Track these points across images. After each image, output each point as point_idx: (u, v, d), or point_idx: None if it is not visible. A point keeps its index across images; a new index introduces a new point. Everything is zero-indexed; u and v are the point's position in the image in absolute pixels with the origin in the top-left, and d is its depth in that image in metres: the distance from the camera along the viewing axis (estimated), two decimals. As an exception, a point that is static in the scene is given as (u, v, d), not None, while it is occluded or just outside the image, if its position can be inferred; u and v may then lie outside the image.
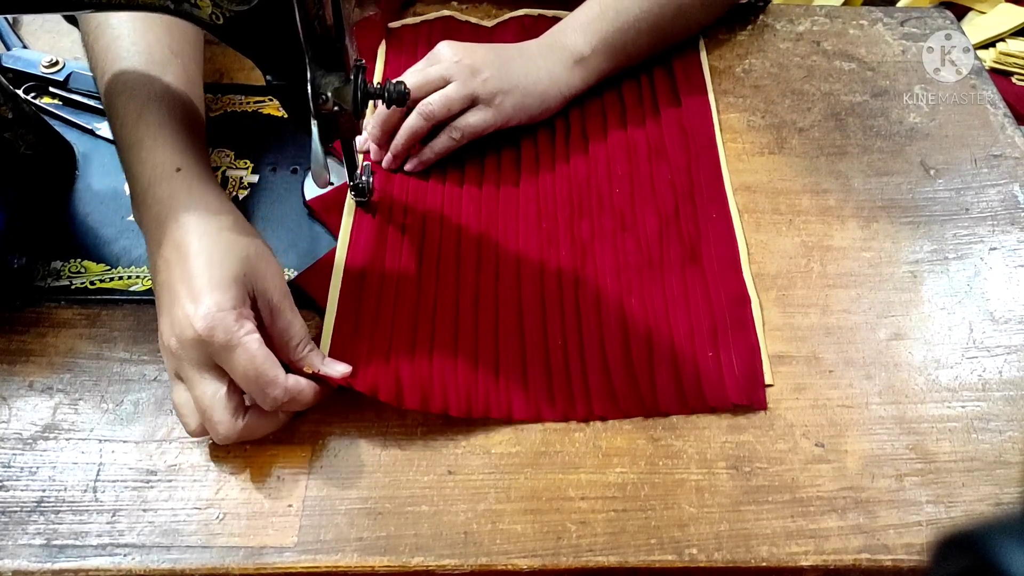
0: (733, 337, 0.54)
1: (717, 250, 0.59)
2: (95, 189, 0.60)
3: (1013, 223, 0.63)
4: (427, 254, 0.57)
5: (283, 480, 0.47)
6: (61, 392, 0.50)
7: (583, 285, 0.56)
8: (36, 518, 0.45)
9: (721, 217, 0.61)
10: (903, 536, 0.47)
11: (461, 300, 0.55)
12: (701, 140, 0.65)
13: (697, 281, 0.57)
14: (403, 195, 0.60)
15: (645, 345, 0.54)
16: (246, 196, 0.60)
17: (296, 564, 0.45)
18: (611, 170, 0.63)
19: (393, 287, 0.55)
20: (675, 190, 0.62)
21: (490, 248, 0.58)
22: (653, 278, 0.57)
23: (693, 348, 0.54)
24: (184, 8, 0.44)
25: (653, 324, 0.55)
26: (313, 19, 0.43)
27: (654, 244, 0.59)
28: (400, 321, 0.53)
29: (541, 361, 0.53)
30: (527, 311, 0.55)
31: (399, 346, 0.52)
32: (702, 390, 0.52)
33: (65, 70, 0.64)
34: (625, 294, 0.56)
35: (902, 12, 0.79)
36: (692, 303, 0.56)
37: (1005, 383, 0.54)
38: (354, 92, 0.47)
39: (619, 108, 0.68)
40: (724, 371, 0.53)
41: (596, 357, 0.53)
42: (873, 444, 0.51)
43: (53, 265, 0.55)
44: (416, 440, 0.50)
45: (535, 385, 0.52)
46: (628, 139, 0.65)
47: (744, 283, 0.57)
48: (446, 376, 0.51)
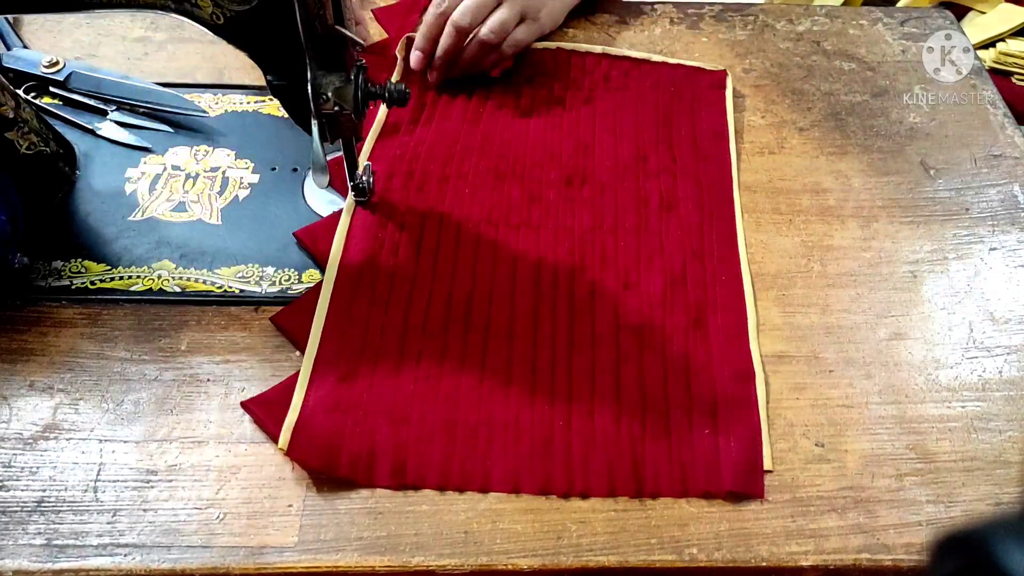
0: (735, 416, 0.51)
1: (724, 317, 0.55)
2: (95, 189, 0.60)
3: (1013, 223, 0.63)
4: (415, 305, 0.54)
5: (283, 480, 0.47)
6: (62, 392, 0.50)
7: (578, 348, 0.53)
8: (36, 518, 0.45)
9: (731, 280, 0.57)
10: (903, 536, 0.47)
11: (446, 357, 0.52)
12: (717, 196, 0.62)
13: (700, 351, 0.54)
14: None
15: (638, 418, 0.50)
16: (246, 196, 0.60)
17: (296, 564, 0.45)
18: (618, 222, 0.60)
19: (378, 333, 0.53)
20: (684, 249, 0.59)
21: (481, 309, 0.54)
22: (654, 345, 0.54)
23: (690, 425, 0.50)
24: (185, 7, 0.44)
25: (650, 395, 0.51)
26: (314, 19, 0.43)
27: (657, 307, 0.55)
28: (380, 378, 0.51)
29: (526, 434, 0.49)
30: (516, 374, 0.52)
31: (378, 409, 0.50)
32: (696, 470, 0.48)
33: (65, 70, 0.64)
34: (623, 360, 0.53)
35: (902, 12, 0.79)
36: (693, 375, 0.52)
37: (1005, 383, 0.54)
38: (354, 92, 0.47)
39: (634, 152, 0.65)
40: (721, 453, 0.49)
41: (584, 426, 0.50)
42: (873, 444, 0.51)
43: (54, 265, 0.55)
44: (416, 440, 0.50)
45: (513, 452, 0.49)
46: (639, 189, 0.62)
47: (750, 356, 0.54)
48: (421, 444, 0.49)
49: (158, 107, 0.64)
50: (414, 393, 0.50)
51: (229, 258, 0.57)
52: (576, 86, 0.70)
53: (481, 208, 0.60)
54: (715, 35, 0.75)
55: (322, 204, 0.60)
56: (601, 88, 0.70)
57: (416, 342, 0.52)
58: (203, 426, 0.49)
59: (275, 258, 0.57)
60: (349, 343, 0.52)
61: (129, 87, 0.64)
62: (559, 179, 0.63)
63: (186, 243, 0.57)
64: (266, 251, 0.57)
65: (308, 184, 0.61)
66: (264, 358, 0.52)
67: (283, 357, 0.52)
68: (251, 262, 0.56)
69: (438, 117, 0.66)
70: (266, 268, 0.56)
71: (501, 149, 0.64)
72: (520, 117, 0.67)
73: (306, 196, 0.61)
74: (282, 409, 0.49)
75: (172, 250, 0.57)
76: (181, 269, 0.56)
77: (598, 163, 0.64)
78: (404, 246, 0.57)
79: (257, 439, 0.49)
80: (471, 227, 0.59)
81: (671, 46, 0.74)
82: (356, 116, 0.48)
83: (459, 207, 0.60)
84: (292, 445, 0.47)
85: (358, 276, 0.55)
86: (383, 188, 0.60)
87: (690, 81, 0.70)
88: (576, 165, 0.64)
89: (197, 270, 0.56)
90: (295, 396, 0.49)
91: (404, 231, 0.58)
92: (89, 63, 0.66)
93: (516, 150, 0.64)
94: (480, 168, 0.63)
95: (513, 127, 0.66)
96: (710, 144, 0.65)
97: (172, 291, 0.55)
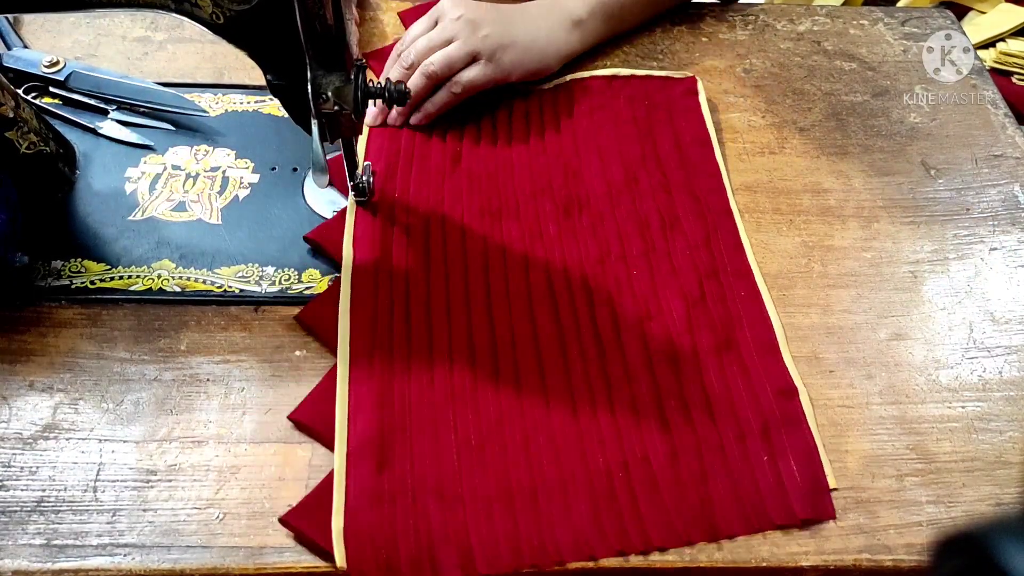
0: (788, 435, 0.49)
1: (752, 332, 0.54)
2: (95, 189, 0.60)
3: (1014, 223, 0.63)
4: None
5: (283, 480, 0.47)
6: (61, 392, 0.50)
7: (616, 387, 0.51)
8: (36, 518, 0.45)
9: (751, 295, 0.56)
10: (903, 536, 0.47)
11: (482, 418, 0.49)
12: (716, 206, 0.61)
13: (737, 373, 0.52)
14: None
15: (695, 454, 0.48)
16: (246, 196, 0.60)
17: (296, 564, 0.45)
18: (625, 249, 0.58)
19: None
20: (696, 267, 0.57)
21: (507, 360, 0.52)
22: (690, 373, 0.52)
23: (746, 453, 0.49)
24: (185, 7, 0.44)
25: (699, 428, 0.49)
26: (313, 18, 0.43)
27: (684, 333, 0.53)
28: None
29: (585, 490, 0.47)
30: (558, 425, 0.49)
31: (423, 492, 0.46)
32: (764, 505, 0.47)
33: (65, 70, 0.64)
34: (664, 395, 0.51)
35: (903, 12, 0.79)
36: (737, 399, 0.51)
37: (1005, 383, 0.54)
38: (354, 92, 0.47)
39: (624, 172, 0.62)
40: (785, 480, 0.48)
41: (643, 476, 0.47)
42: (873, 444, 0.51)
43: (54, 265, 0.55)
44: (416, 440, 0.50)
45: (578, 513, 0.46)
46: (637, 210, 0.60)
47: (788, 371, 0.52)
48: (481, 524, 0.45)
49: (158, 107, 0.64)
50: (459, 464, 0.47)
51: (229, 258, 0.57)
52: (550, 110, 0.67)
53: (480, 253, 0.57)
54: (715, 35, 0.75)
55: (322, 204, 0.60)
56: (577, 109, 0.67)
57: (448, 408, 0.50)
58: (203, 426, 0.49)
59: (275, 258, 0.57)
60: (379, 418, 0.49)
61: (129, 87, 0.64)
62: (556, 210, 0.60)
63: (186, 243, 0.57)
64: (266, 251, 0.57)
65: (308, 184, 0.61)
66: (264, 358, 0.52)
67: (283, 357, 0.52)
68: (251, 262, 0.56)
69: (417, 162, 0.62)
70: (266, 268, 0.56)
71: (489, 187, 0.61)
72: (501, 149, 0.64)
73: (306, 196, 0.61)
74: (324, 513, 0.45)
75: (172, 250, 0.57)
76: (181, 269, 0.56)
77: (590, 188, 0.61)
78: (414, 305, 0.54)
79: (257, 439, 0.49)
80: (476, 275, 0.56)
81: (671, 46, 0.74)
82: (356, 116, 0.48)
83: (456, 256, 0.57)
84: (349, 557, 0.44)
85: (371, 338, 0.52)
86: (381, 239, 0.57)
87: (663, 91, 0.68)
88: (570, 193, 0.61)
89: (197, 270, 0.56)
90: (335, 496, 0.46)
91: (410, 292, 0.54)
92: (89, 63, 0.66)
93: (505, 185, 0.62)
94: (473, 210, 0.59)
95: (496, 160, 0.63)
96: (696, 153, 0.64)
97: (172, 291, 0.54)
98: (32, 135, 0.56)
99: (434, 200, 0.60)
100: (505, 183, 0.62)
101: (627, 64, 0.72)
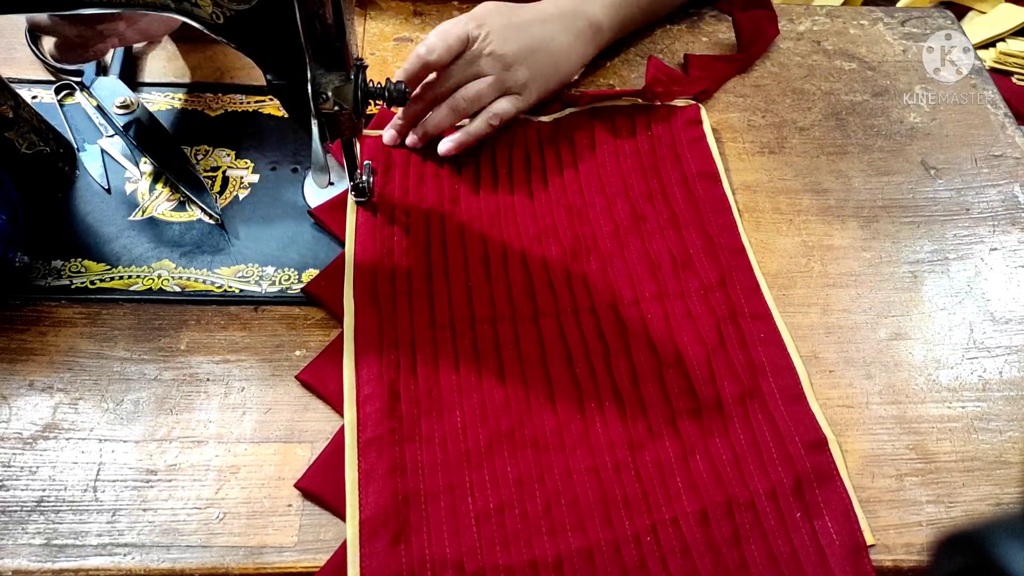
0: (821, 491, 0.47)
1: (776, 381, 0.52)
2: (95, 189, 0.60)
3: (1014, 223, 0.63)
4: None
5: (283, 480, 0.47)
6: (61, 391, 0.50)
7: (638, 448, 0.48)
8: (36, 518, 0.45)
9: (771, 338, 0.54)
10: (903, 536, 0.47)
11: (500, 484, 0.47)
12: (728, 244, 0.58)
13: (764, 424, 0.50)
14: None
15: (726, 515, 0.46)
16: (246, 196, 0.60)
17: (296, 564, 0.45)
18: (638, 293, 0.55)
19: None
20: (714, 311, 0.55)
21: (522, 422, 0.49)
22: (715, 427, 0.49)
23: (780, 512, 0.46)
24: (184, 7, 0.44)
25: (729, 486, 0.47)
26: (313, 18, 0.43)
27: (707, 383, 0.51)
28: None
29: (613, 560, 0.44)
30: (579, 487, 0.47)
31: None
32: (802, 567, 0.44)
33: (134, 114, 0.62)
34: (689, 453, 0.48)
35: (902, 12, 0.79)
36: (766, 453, 0.48)
37: (1005, 383, 0.54)
38: (354, 91, 0.47)
39: (631, 210, 0.60)
40: (822, 540, 0.45)
41: (674, 541, 0.45)
42: (873, 444, 0.51)
43: (53, 264, 0.55)
44: (416, 440, 0.50)
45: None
46: (648, 251, 0.58)
47: (816, 421, 0.50)
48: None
49: (178, 177, 0.60)
50: (480, 537, 0.45)
51: (229, 258, 0.57)
52: (550, 147, 0.64)
53: (486, 304, 0.54)
54: (715, 35, 0.75)
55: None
56: (578, 143, 0.64)
57: (463, 473, 0.47)
58: (203, 426, 0.49)
59: (275, 258, 0.57)
60: (390, 492, 0.46)
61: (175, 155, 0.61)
62: (562, 255, 0.57)
63: (186, 243, 0.57)
64: (266, 251, 0.57)
65: (308, 184, 0.61)
66: (264, 358, 0.52)
67: (283, 357, 0.52)
68: (251, 262, 0.56)
69: (412, 203, 0.59)
70: (266, 268, 0.56)
71: (491, 231, 0.58)
72: (500, 191, 0.61)
73: (306, 196, 0.60)
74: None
75: (172, 250, 0.57)
76: (181, 269, 0.56)
77: (597, 229, 0.59)
78: (421, 367, 0.51)
79: (257, 439, 0.49)
80: (484, 329, 0.53)
81: (671, 46, 0.74)
82: (356, 115, 0.48)
83: (461, 304, 0.54)
84: None
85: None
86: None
87: (666, 121, 0.66)
88: (576, 235, 0.58)
89: (197, 270, 0.56)
90: (350, 572, 0.43)
91: (416, 351, 0.52)
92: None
93: (508, 229, 0.59)
94: (474, 256, 0.57)
95: (497, 203, 0.60)
96: (703, 188, 0.61)
97: (172, 291, 0.54)
98: (32, 135, 0.56)
99: (436, 248, 0.57)
100: (508, 228, 0.59)
101: (627, 64, 0.72)
